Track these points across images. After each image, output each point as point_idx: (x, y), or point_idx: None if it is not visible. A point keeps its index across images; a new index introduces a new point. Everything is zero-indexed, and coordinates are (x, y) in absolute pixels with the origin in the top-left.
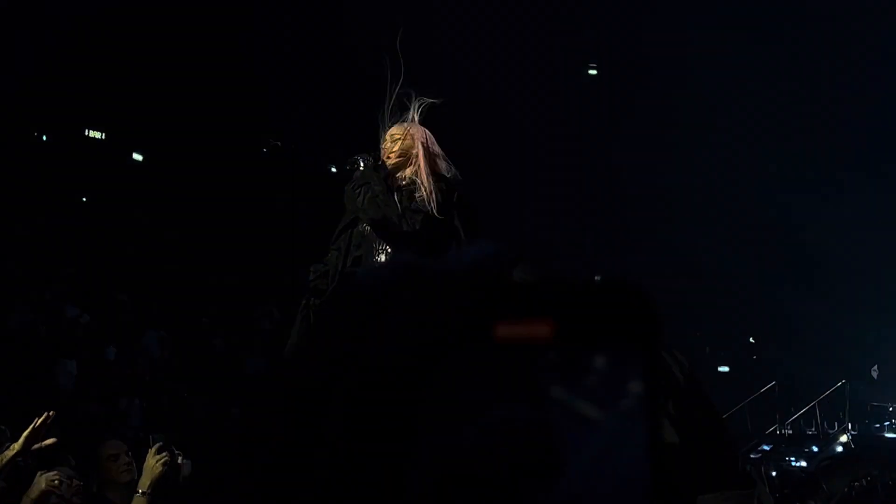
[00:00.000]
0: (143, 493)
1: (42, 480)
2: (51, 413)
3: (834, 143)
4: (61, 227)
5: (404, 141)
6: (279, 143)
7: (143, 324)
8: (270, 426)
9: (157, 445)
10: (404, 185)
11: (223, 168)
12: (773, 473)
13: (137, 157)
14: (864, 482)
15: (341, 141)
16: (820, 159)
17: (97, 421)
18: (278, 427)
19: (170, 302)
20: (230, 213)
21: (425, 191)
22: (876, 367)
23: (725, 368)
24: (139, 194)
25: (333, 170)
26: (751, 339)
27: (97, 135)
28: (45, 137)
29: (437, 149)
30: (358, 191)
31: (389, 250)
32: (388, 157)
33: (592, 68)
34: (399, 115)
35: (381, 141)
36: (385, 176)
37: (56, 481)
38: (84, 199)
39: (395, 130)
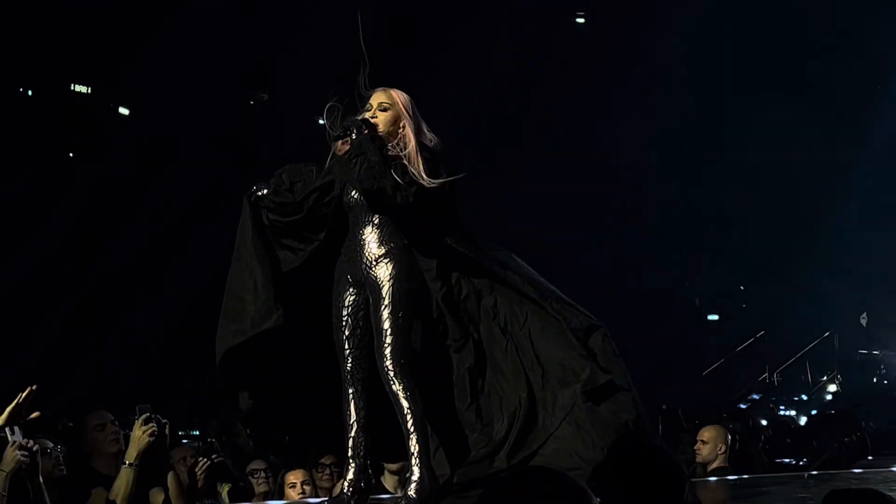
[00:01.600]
0: (131, 464)
1: (13, 453)
2: (34, 387)
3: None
4: (48, 183)
5: (393, 109)
6: (265, 96)
7: (132, 281)
8: None
9: (144, 416)
10: (395, 157)
11: (209, 122)
12: (764, 422)
13: (124, 111)
14: (854, 437)
15: (328, 93)
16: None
17: (87, 378)
18: None
19: (158, 257)
20: (218, 167)
21: (416, 163)
22: (864, 314)
23: (715, 317)
24: (126, 149)
25: (321, 122)
26: (741, 287)
27: (83, 89)
28: (30, 93)
29: (419, 117)
30: (354, 161)
31: (377, 222)
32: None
33: (580, 17)
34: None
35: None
36: (381, 146)
37: (27, 455)
38: (70, 155)
39: (382, 98)
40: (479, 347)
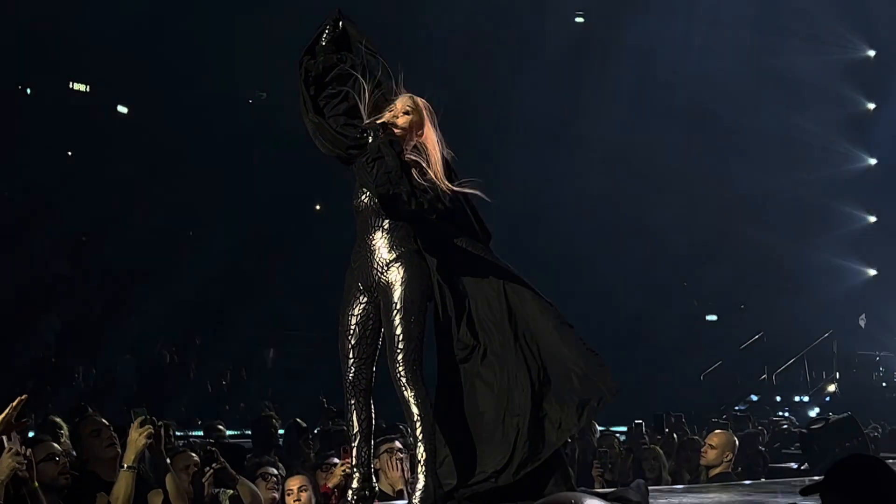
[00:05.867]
0: (129, 467)
1: (8, 460)
2: (23, 398)
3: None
4: (46, 181)
5: (416, 115)
6: (264, 95)
7: (131, 279)
8: None
9: (140, 419)
10: (412, 162)
11: (208, 120)
12: (761, 425)
13: (122, 109)
14: (856, 441)
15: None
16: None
17: (87, 377)
18: None
19: (157, 256)
20: (216, 165)
21: (436, 170)
22: (863, 315)
23: (713, 317)
24: (124, 147)
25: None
26: (739, 287)
27: (82, 87)
28: (28, 91)
29: (438, 130)
30: (372, 164)
31: (387, 226)
32: (395, 129)
33: (579, 16)
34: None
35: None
36: (399, 151)
37: (23, 462)
38: (69, 153)
39: (406, 102)
40: (488, 356)
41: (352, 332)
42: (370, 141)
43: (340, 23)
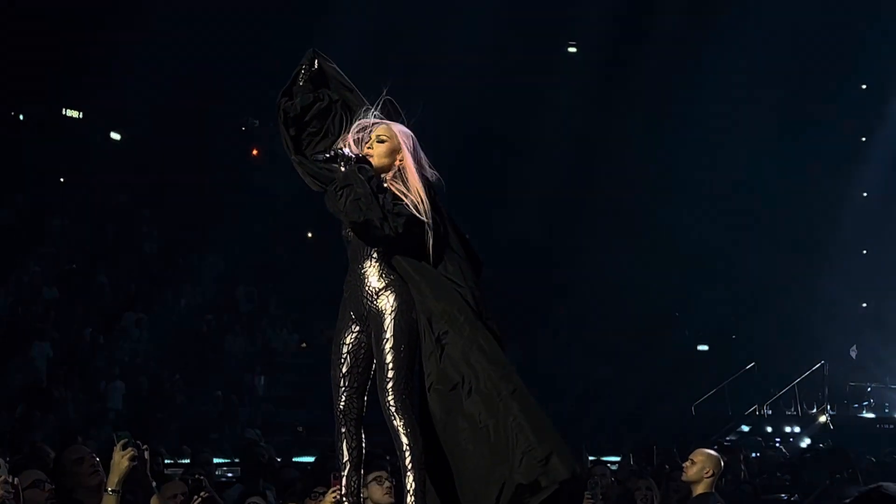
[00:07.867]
0: (113, 490)
1: None
2: None
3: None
4: (39, 207)
5: (391, 142)
6: (257, 122)
7: (122, 306)
8: None
9: (122, 441)
10: (387, 188)
11: (201, 146)
12: (753, 455)
13: (115, 136)
14: (846, 473)
15: None
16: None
17: (77, 403)
18: None
19: (149, 283)
20: (209, 192)
21: (416, 197)
22: (854, 347)
23: (705, 347)
24: (117, 174)
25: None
26: (731, 318)
27: (75, 114)
28: (21, 117)
29: (420, 153)
30: (340, 192)
31: (375, 255)
32: (371, 158)
33: (572, 46)
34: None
35: (346, 130)
36: (369, 177)
37: (10, 490)
38: (62, 180)
39: (381, 130)
40: (472, 394)
41: (343, 360)
42: (341, 170)
43: (316, 61)
